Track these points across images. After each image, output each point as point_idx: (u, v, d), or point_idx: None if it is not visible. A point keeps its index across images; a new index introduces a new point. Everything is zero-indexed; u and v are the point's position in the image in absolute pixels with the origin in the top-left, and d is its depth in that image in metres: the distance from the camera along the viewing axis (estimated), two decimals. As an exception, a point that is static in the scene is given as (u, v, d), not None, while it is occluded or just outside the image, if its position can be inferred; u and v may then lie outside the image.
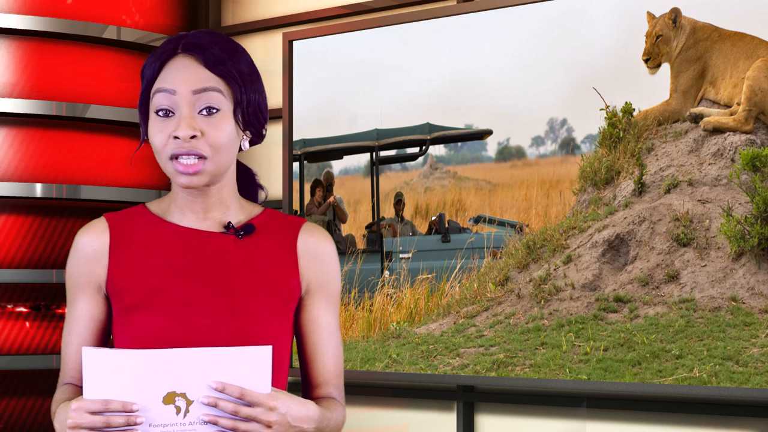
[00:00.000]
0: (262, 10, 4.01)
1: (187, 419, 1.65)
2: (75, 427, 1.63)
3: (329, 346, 1.89)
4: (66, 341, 1.88)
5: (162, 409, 1.64)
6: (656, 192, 3.03)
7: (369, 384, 3.52)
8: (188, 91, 1.76)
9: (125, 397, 1.63)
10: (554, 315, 3.12)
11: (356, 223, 3.62)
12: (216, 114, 1.77)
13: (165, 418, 1.64)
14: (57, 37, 3.60)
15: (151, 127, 1.79)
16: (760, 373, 2.80)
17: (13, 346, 3.53)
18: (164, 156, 1.77)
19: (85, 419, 1.63)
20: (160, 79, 1.78)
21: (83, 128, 3.65)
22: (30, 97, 3.55)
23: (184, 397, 1.65)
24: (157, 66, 1.79)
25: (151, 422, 1.64)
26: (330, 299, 1.90)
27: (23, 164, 3.55)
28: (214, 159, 1.77)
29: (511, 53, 3.27)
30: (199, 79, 1.77)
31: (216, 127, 1.77)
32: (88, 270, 1.84)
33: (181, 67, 1.78)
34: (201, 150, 1.76)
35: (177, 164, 1.76)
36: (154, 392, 1.64)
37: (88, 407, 1.63)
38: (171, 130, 1.76)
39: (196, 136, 1.75)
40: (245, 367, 1.65)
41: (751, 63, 2.90)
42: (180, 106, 1.76)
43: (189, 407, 1.65)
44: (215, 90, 1.77)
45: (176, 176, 1.77)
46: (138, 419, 1.63)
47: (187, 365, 1.64)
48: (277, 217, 1.89)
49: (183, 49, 1.80)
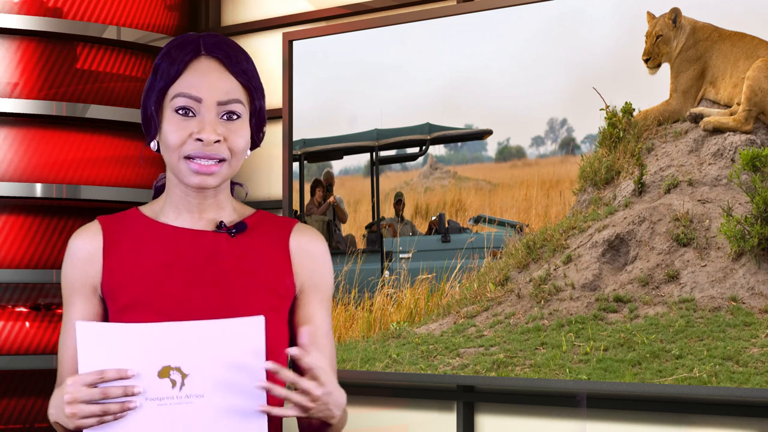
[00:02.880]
0: (262, 10, 4.01)
1: (183, 392, 1.65)
2: (72, 402, 1.63)
3: (325, 345, 1.90)
4: (62, 344, 1.88)
5: (157, 382, 1.64)
6: (656, 192, 3.03)
7: (369, 384, 3.52)
8: (214, 101, 1.78)
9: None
10: (554, 315, 3.12)
11: (356, 223, 3.62)
12: (236, 120, 1.79)
13: (161, 392, 1.65)
14: (57, 37, 3.60)
15: (167, 124, 1.78)
16: (760, 373, 2.80)
17: (13, 346, 3.53)
18: (178, 154, 1.77)
19: (82, 392, 1.63)
20: (183, 81, 1.78)
21: (83, 128, 3.66)
22: (30, 97, 3.55)
23: (179, 371, 1.65)
24: (180, 67, 1.79)
25: (146, 396, 1.64)
26: (323, 299, 1.90)
27: (23, 164, 3.55)
28: (231, 163, 1.79)
29: (511, 53, 3.27)
30: (225, 90, 1.79)
31: (237, 133, 1.79)
32: (82, 273, 1.85)
33: (207, 71, 1.79)
34: (222, 154, 1.77)
35: (192, 164, 1.77)
36: (149, 365, 1.64)
37: (84, 380, 1.63)
38: (192, 131, 1.76)
39: (219, 141, 1.76)
40: (239, 338, 1.66)
41: (751, 63, 2.90)
42: (204, 111, 1.78)
43: (184, 380, 1.65)
44: (238, 102, 1.80)
45: (188, 176, 1.78)
46: (135, 389, 1.63)
47: (181, 338, 1.65)
48: (269, 218, 1.91)
49: (206, 51, 1.80)
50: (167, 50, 1.81)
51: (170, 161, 1.79)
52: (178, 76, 1.79)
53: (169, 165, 1.81)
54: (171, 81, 1.79)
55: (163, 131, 1.79)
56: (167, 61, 1.80)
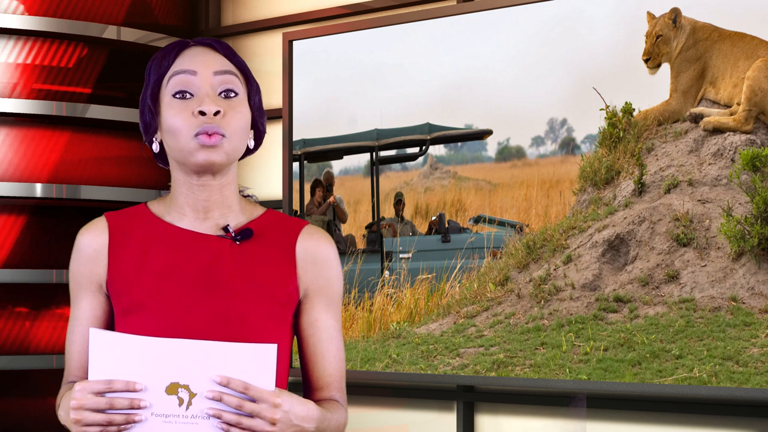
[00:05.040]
0: (262, 10, 4.01)
1: (190, 412, 1.64)
2: (78, 408, 1.63)
3: (329, 349, 1.89)
4: (69, 340, 1.88)
5: (164, 398, 1.64)
6: (656, 192, 3.03)
7: (369, 384, 3.52)
8: (209, 73, 1.79)
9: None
10: (554, 315, 3.12)
11: (356, 223, 3.62)
12: (234, 98, 1.80)
13: (167, 408, 1.64)
14: (57, 37, 3.60)
15: (167, 110, 1.79)
16: (760, 373, 2.80)
17: (13, 346, 3.53)
18: (186, 135, 1.77)
19: (88, 400, 1.63)
20: (177, 64, 1.81)
21: (83, 128, 3.66)
22: (30, 97, 3.55)
23: (187, 389, 1.64)
24: (172, 56, 1.81)
25: (153, 411, 1.64)
26: (330, 302, 1.89)
27: (23, 164, 3.55)
28: (231, 140, 1.79)
29: (511, 53, 3.27)
30: (219, 63, 1.81)
31: (235, 109, 1.79)
32: (89, 270, 1.85)
33: (199, 53, 1.82)
34: (223, 128, 1.77)
35: (199, 138, 1.76)
36: (158, 380, 1.64)
37: (92, 388, 1.63)
38: (193, 108, 1.77)
39: (220, 112, 1.77)
40: (250, 364, 1.65)
41: (751, 63, 2.90)
42: (201, 87, 1.79)
43: (192, 400, 1.64)
44: (234, 74, 1.81)
45: (195, 153, 1.77)
46: (141, 403, 1.63)
47: (192, 357, 1.64)
48: (278, 220, 1.89)
49: (195, 42, 1.84)
50: (154, 56, 1.85)
51: (177, 145, 1.78)
52: (171, 64, 1.81)
53: (174, 153, 1.80)
54: (165, 71, 1.81)
55: (164, 120, 1.79)
56: (158, 58, 1.83)
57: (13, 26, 3.53)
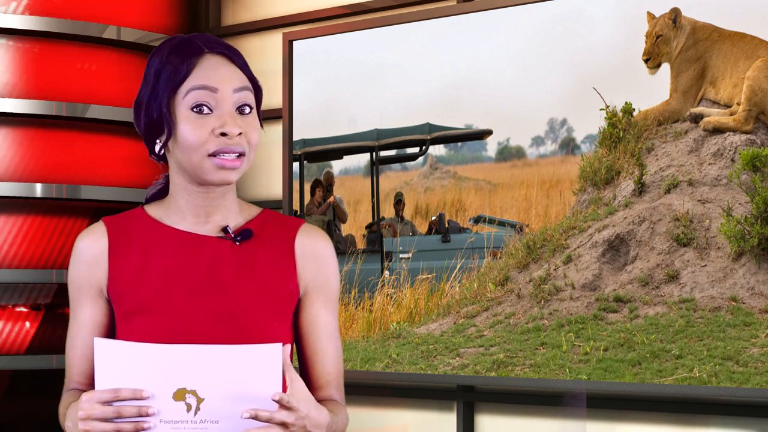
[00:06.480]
0: (262, 10, 4.01)
1: (198, 417, 1.64)
2: (86, 419, 1.63)
3: (329, 348, 1.89)
4: (70, 346, 1.88)
5: (172, 405, 1.64)
6: (656, 192, 3.03)
7: (369, 384, 3.52)
8: (230, 90, 1.78)
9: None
10: (554, 315, 3.12)
11: (356, 223, 3.62)
12: (250, 113, 1.80)
13: (175, 415, 1.64)
14: (57, 37, 3.60)
15: (183, 123, 1.76)
16: (760, 373, 2.80)
17: (14, 346, 3.53)
18: (202, 152, 1.76)
19: (96, 410, 1.63)
20: (195, 76, 1.78)
21: (83, 128, 3.66)
22: (30, 97, 3.55)
23: (195, 395, 1.64)
24: (190, 65, 1.78)
25: (161, 418, 1.64)
26: (328, 300, 1.90)
27: (23, 164, 3.55)
28: (249, 157, 1.79)
29: (511, 53, 3.27)
30: (237, 79, 1.80)
31: (252, 126, 1.79)
32: (88, 274, 1.85)
33: (217, 65, 1.79)
34: (243, 147, 1.77)
35: (215, 160, 1.76)
36: (165, 387, 1.64)
37: (99, 397, 1.63)
38: (213, 126, 1.76)
39: (241, 134, 1.77)
40: (256, 364, 1.65)
41: (751, 63, 2.90)
42: (221, 104, 1.77)
43: (199, 405, 1.64)
44: (249, 89, 1.81)
45: (211, 173, 1.76)
46: (149, 410, 1.63)
47: (198, 362, 1.64)
48: (275, 219, 1.89)
49: (209, 48, 1.81)
50: (167, 54, 1.80)
51: (190, 161, 1.77)
52: (188, 74, 1.78)
53: (185, 165, 1.79)
54: (182, 79, 1.78)
55: (179, 132, 1.77)
56: (172, 63, 1.79)
57: (13, 26, 3.53)
